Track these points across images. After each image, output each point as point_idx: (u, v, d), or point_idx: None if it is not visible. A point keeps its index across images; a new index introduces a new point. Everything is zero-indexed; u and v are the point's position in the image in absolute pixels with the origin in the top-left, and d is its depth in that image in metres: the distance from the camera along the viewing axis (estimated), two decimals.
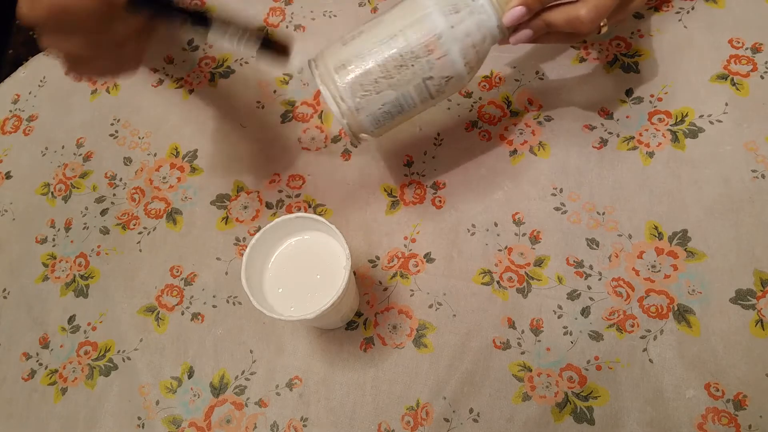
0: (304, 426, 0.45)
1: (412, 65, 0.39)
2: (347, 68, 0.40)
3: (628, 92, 0.52)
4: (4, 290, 0.56)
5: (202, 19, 0.37)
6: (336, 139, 0.56)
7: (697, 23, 0.53)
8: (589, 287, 0.46)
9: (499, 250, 0.48)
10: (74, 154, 0.61)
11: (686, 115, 0.50)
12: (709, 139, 0.49)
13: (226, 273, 0.52)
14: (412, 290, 0.48)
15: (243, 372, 0.48)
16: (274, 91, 0.59)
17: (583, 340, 0.44)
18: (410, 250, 0.50)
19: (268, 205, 0.54)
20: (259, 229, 0.42)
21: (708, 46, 0.52)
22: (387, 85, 0.40)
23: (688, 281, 0.45)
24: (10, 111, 0.65)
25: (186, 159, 0.58)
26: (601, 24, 0.41)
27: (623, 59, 0.53)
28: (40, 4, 0.33)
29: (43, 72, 0.66)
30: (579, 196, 0.49)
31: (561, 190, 0.50)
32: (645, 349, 0.43)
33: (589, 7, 0.38)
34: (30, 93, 0.65)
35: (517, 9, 0.39)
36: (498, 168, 0.51)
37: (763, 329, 0.42)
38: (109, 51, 0.36)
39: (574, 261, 0.47)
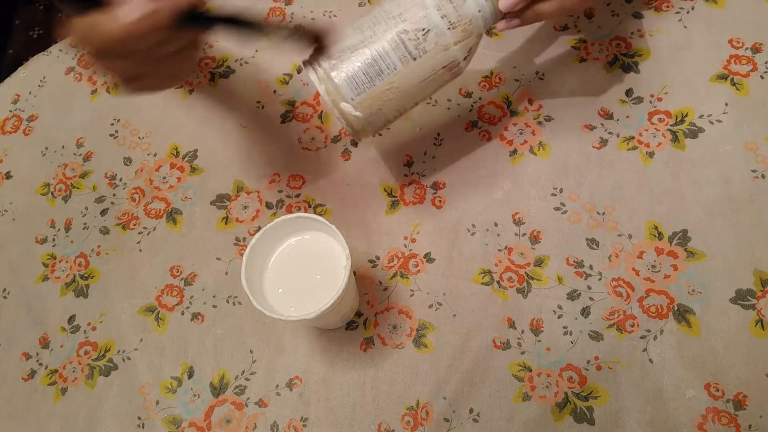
0: (304, 426, 0.45)
1: (386, 21, 0.40)
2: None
3: (628, 92, 0.52)
4: (4, 290, 0.56)
5: (244, 24, 0.37)
6: (336, 139, 0.56)
7: (697, 23, 0.53)
8: (589, 287, 0.46)
9: (499, 250, 0.48)
10: (74, 154, 0.61)
11: (686, 115, 0.50)
12: (709, 139, 0.49)
13: (226, 273, 0.52)
14: (412, 290, 0.48)
15: (243, 372, 0.48)
16: (274, 91, 0.59)
17: (583, 340, 0.44)
18: (410, 250, 0.50)
19: (268, 205, 0.54)
20: (259, 229, 0.42)
21: (708, 46, 0.52)
22: (361, 43, 0.40)
23: (688, 281, 0.45)
24: (10, 111, 0.65)
25: (186, 159, 0.58)
26: None
27: (623, 59, 0.53)
28: (93, 38, 0.33)
29: (43, 72, 0.66)
30: (579, 196, 0.49)
31: (561, 190, 0.50)
32: (645, 349, 0.43)
33: None
34: (30, 93, 0.65)
35: None
36: (498, 168, 0.51)
37: (763, 329, 0.42)
38: (162, 66, 0.37)
39: (574, 261, 0.47)
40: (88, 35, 0.33)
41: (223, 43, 0.62)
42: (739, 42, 0.52)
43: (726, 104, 0.50)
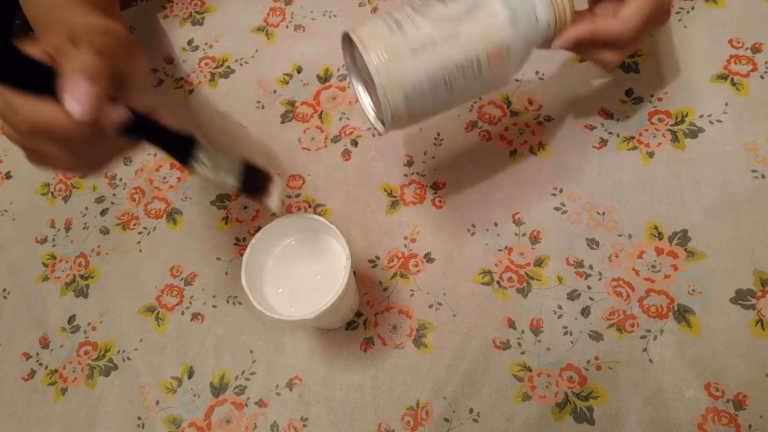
0: (304, 426, 0.45)
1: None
2: None
3: (628, 92, 0.52)
4: (4, 290, 0.56)
5: (188, 146, 0.35)
6: (336, 139, 0.56)
7: (697, 23, 0.53)
8: (589, 287, 0.46)
9: (499, 250, 0.48)
10: None
11: (686, 115, 0.50)
12: (709, 139, 0.49)
13: (226, 273, 0.52)
14: (412, 290, 0.48)
15: (243, 372, 0.48)
16: (274, 91, 0.59)
17: (583, 340, 0.44)
18: (410, 250, 0.50)
19: None
20: (259, 229, 0.42)
21: (708, 46, 0.52)
22: None
23: (688, 281, 0.45)
24: None
25: None
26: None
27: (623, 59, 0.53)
28: (17, 122, 0.30)
29: None
30: (579, 196, 0.49)
31: (561, 190, 0.50)
32: (645, 349, 0.43)
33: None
34: None
35: (568, 37, 0.41)
36: (498, 168, 0.51)
37: (763, 329, 0.42)
38: (80, 157, 0.33)
39: (574, 261, 0.47)
40: (26, 116, 0.30)
41: (224, 43, 0.62)
42: (739, 42, 0.52)
43: (726, 104, 0.50)
